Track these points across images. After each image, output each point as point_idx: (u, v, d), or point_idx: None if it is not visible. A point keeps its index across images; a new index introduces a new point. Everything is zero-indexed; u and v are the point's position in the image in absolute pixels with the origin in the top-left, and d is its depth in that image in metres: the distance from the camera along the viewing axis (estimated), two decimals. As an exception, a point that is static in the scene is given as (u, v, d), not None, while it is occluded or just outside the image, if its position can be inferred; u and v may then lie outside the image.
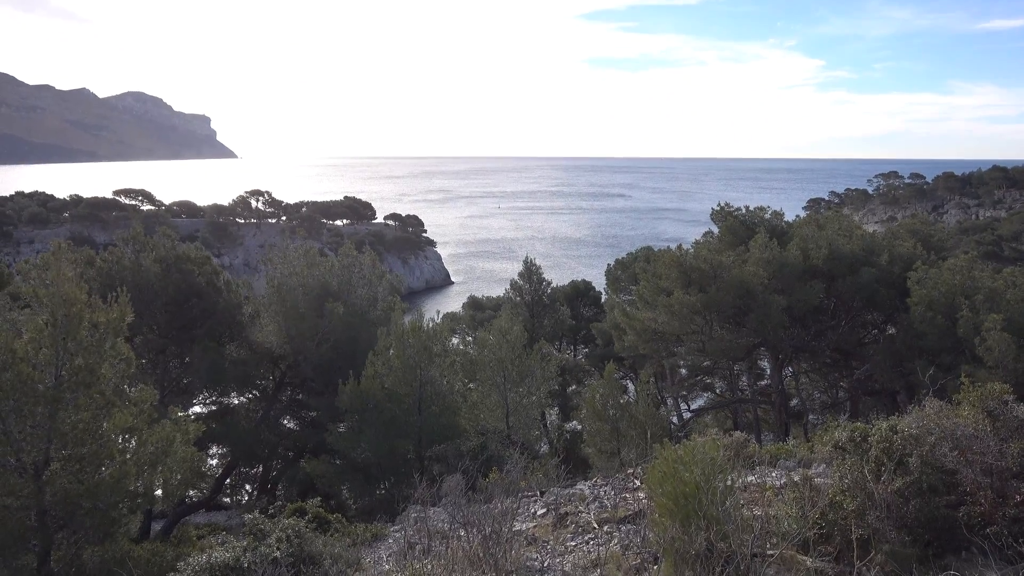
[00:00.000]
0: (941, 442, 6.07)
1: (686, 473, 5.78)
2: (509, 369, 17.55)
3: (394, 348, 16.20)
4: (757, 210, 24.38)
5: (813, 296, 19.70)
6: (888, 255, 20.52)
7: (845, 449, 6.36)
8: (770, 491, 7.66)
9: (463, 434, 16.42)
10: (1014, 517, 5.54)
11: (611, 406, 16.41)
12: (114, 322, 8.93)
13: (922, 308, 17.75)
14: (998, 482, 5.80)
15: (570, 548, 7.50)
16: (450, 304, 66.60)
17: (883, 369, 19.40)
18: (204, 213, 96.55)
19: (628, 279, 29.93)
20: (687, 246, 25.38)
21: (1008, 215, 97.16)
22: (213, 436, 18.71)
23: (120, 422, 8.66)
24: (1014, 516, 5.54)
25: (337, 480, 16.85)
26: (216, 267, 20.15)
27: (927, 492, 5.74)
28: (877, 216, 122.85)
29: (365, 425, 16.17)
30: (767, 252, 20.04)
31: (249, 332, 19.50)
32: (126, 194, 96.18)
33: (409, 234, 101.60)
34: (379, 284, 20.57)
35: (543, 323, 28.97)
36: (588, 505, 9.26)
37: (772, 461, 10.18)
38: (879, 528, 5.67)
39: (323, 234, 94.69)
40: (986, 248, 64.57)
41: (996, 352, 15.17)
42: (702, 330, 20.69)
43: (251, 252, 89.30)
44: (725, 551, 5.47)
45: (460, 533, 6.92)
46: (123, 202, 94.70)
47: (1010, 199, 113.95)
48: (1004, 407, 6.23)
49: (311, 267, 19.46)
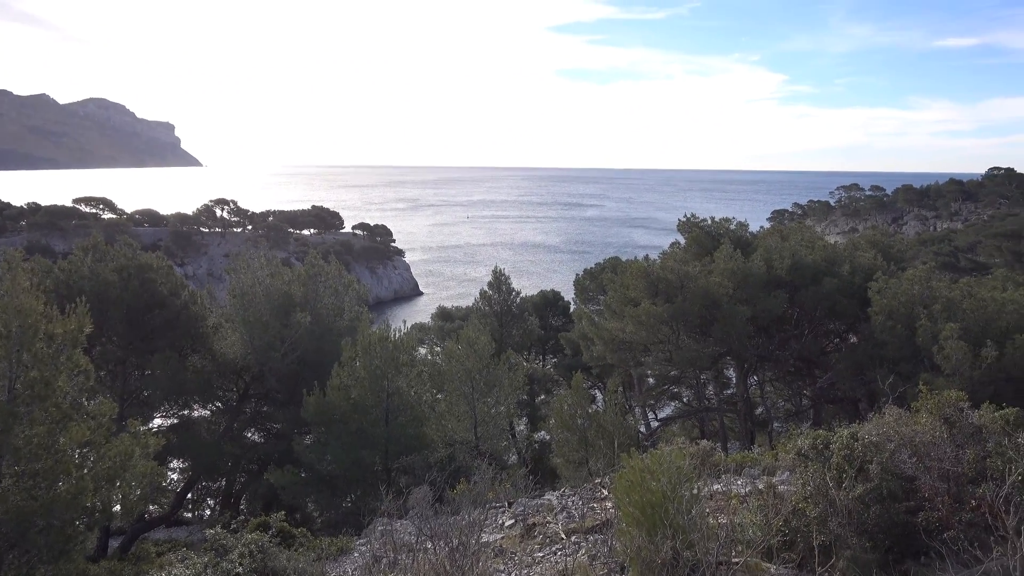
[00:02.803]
0: (900, 449, 6.20)
1: (653, 482, 5.81)
2: (477, 379, 17.48)
3: (361, 358, 16.05)
4: (723, 221, 24.70)
5: (777, 306, 20.01)
6: (849, 266, 20.93)
7: (808, 457, 6.45)
8: (735, 499, 7.73)
9: (431, 445, 16.30)
10: (970, 522, 5.67)
11: (579, 416, 16.42)
12: (71, 333, 8.71)
13: (882, 317, 18.12)
14: (955, 487, 5.93)
15: (538, 559, 7.48)
16: (419, 314, 66.25)
17: (845, 377, 19.74)
18: (167, 222, 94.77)
19: (596, 289, 30.08)
20: (654, 256, 25.61)
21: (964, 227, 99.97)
22: (174, 449, 18.32)
23: (77, 436, 8.43)
24: (970, 521, 5.67)
25: (302, 493, 16.60)
26: (178, 277, 19.79)
27: (887, 498, 5.85)
28: (839, 227, 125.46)
29: (331, 437, 15.97)
30: (732, 263, 20.31)
31: (212, 343, 19.16)
32: (86, 202, 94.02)
33: (377, 244, 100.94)
34: (345, 294, 20.39)
35: (512, 333, 28.94)
36: (556, 515, 9.25)
37: (737, 469, 10.28)
38: (841, 534, 5.76)
39: (290, 243, 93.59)
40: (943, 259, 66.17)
41: (953, 360, 15.53)
42: (669, 340, 20.86)
43: (216, 262, 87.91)
44: (691, 559, 5.50)
45: (427, 546, 6.86)
46: (83, 210, 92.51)
47: (966, 211, 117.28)
48: (960, 414, 6.38)
49: (275, 277, 19.22)
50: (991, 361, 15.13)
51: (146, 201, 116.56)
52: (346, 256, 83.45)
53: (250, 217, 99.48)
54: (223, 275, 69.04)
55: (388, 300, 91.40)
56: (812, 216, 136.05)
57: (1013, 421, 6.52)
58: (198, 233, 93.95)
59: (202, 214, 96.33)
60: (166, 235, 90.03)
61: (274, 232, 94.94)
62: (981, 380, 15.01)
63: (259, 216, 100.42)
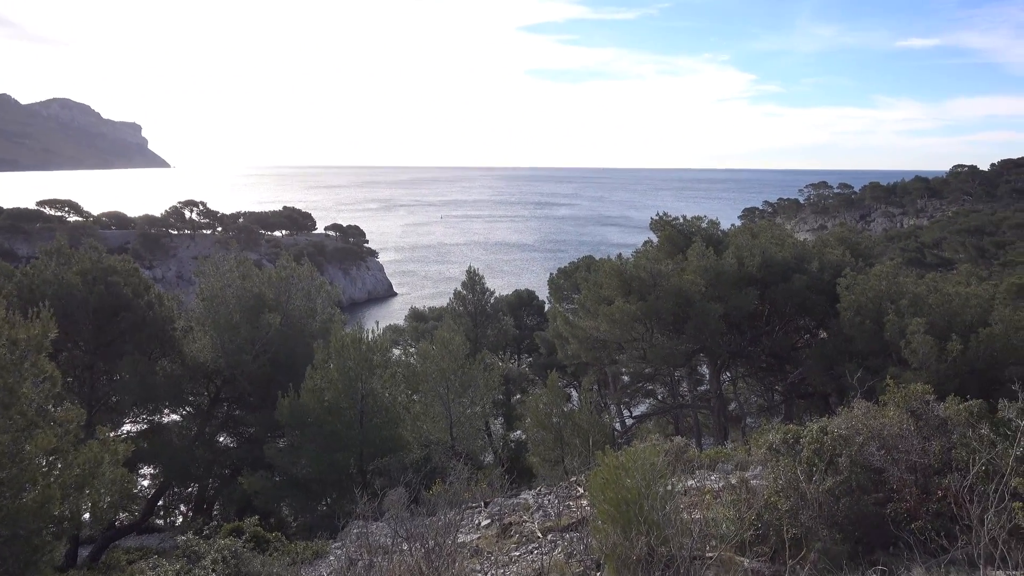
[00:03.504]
0: (869, 442, 6.30)
1: (627, 479, 5.84)
2: (452, 380, 17.45)
3: (334, 360, 15.93)
4: (694, 219, 24.92)
5: (748, 303, 20.24)
6: (818, 262, 21.24)
7: (779, 451, 6.54)
8: (709, 494, 7.81)
9: (406, 446, 16.24)
10: (937, 512, 5.78)
11: (554, 414, 16.47)
12: (35, 339, 8.51)
13: (851, 313, 18.41)
14: (922, 479, 6.05)
15: (514, 558, 7.48)
16: (393, 315, 65.91)
17: (815, 372, 20.03)
18: (135, 224, 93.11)
19: (570, 288, 30.18)
20: (628, 255, 25.76)
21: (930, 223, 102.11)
22: (144, 455, 18.03)
23: (43, 444, 8.24)
24: (937, 511, 5.78)
25: (276, 497, 16.44)
26: (146, 279, 19.46)
27: (856, 490, 5.94)
28: (808, 224, 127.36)
29: (305, 440, 15.83)
30: (704, 261, 20.51)
31: (182, 346, 18.88)
32: (51, 204, 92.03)
33: (350, 245, 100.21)
34: (318, 295, 20.21)
35: (486, 333, 28.93)
36: (532, 514, 9.27)
37: (711, 465, 10.38)
38: (812, 527, 5.84)
39: (261, 245, 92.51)
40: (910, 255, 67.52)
41: (920, 354, 15.84)
42: (643, 338, 21.00)
43: (185, 264, 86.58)
44: (665, 555, 5.54)
45: (403, 547, 6.83)
46: (47, 213, 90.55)
47: (931, 208, 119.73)
48: (926, 407, 6.50)
49: (246, 278, 18.99)
50: (956, 354, 15.46)
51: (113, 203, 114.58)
52: (319, 257, 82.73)
53: (220, 219, 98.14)
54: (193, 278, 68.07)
55: (362, 301, 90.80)
56: (782, 214, 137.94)
57: (977, 413, 6.67)
58: (167, 235, 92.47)
59: (170, 216, 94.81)
60: (134, 238, 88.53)
61: (244, 234, 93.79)
62: (947, 373, 15.32)
63: (229, 218, 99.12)
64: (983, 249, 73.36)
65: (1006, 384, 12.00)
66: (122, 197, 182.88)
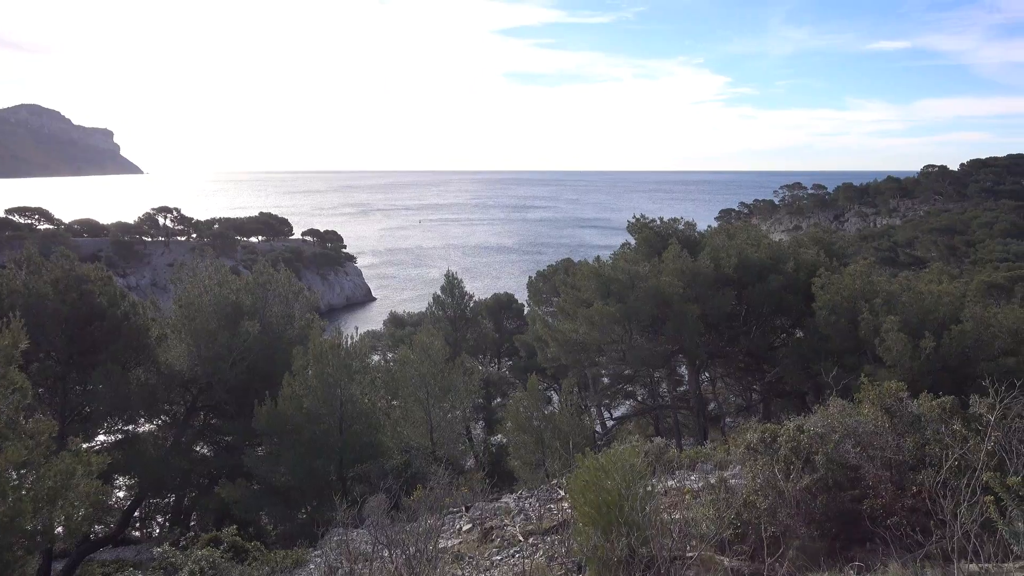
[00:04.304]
0: (844, 439, 6.38)
1: (607, 481, 5.86)
2: (432, 384, 17.40)
3: (313, 367, 15.80)
4: (671, 221, 25.11)
5: (725, 303, 20.42)
6: (794, 262, 21.49)
7: (757, 450, 6.59)
8: (689, 494, 7.85)
9: (387, 452, 16.14)
10: (912, 507, 5.87)
11: (535, 417, 16.49)
12: (5, 349, 8.36)
13: (826, 312, 18.65)
14: (897, 475, 6.14)
15: (495, 563, 7.47)
16: (372, 321, 65.59)
17: (792, 371, 20.25)
18: (108, 232, 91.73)
19: (549, 291, 30.24)
20: (606, 257, 25.88)
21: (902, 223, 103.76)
22: (119, 466, 17.72)
23: (13, 456, 8.07)
24: (912, 506, 5.87)
25: (255, 506, 16.25)
26: (119, 287, 19.16)
27: (833, 488, 6.01)
28: (783, 225, 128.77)
29: (284, 447, 15.67)
30: (681, 262, 20.66)
31: (157, 355, 18.61)
32: (20, 212, 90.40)
33: (328, 250, 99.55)
34: (296, 301, 20.04)
35: (466, 337, 28.89)
36: (514, 518, 9.25)
37: (691, 465, 10.44)
38: (790, 525, 5.90)
39: (237, 251, 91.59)
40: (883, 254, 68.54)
41: (894, 352, 16.08)
42: (622, 339, 21.10)
43: (159, 272, 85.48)
44: (646, 555, 5.56)
45: (384, 554, 6.79)
46: (17, 221, 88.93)
47: (904, 207, 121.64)
48: (900, 404, 6.60)
49: (222, 285, 18.78)
50: (930, 352, 15.71)
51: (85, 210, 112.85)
52: (296, 263, 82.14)
53: (195, 225, 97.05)
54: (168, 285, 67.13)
55: (340, 307, 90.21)
56: (757, 215, 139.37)
57: (949, 409, 6.78)
58: (140, 243, 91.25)
59: (144, 223, 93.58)
60: (107, 245, 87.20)
61: (220, 240, 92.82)
62: (921, 370, 15.56)
63: (204, 224, 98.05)
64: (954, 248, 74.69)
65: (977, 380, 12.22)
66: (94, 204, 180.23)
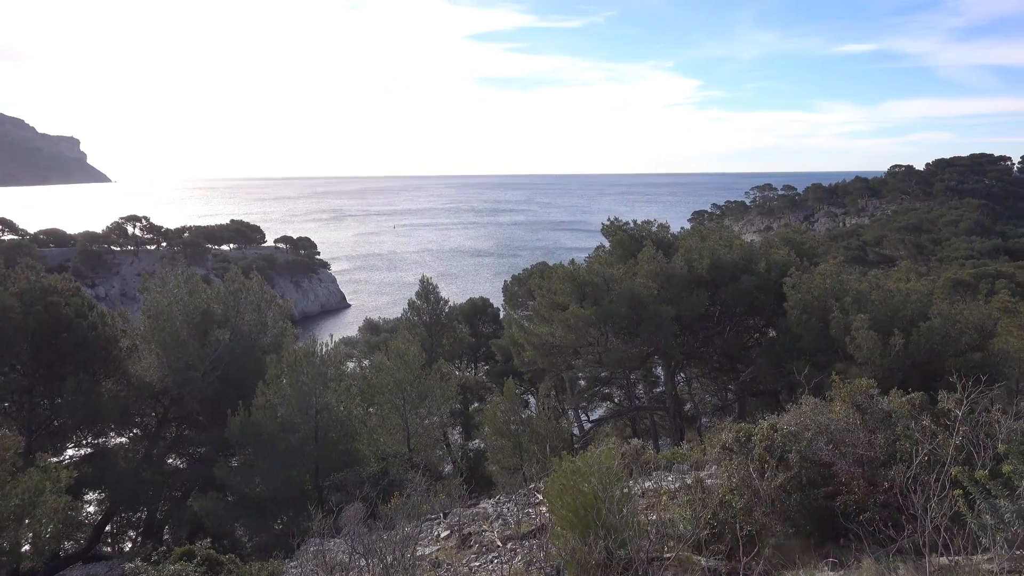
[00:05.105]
0: (817, 437, 6.45)
1: (584, 484, 5.86)
2: (408, 391, 17.30)
3: (287, 375, 15.62)
4: (645, 223, 25.27)
5: (699, 304, 20.59)
6: (765, 263, 21.74)
7: (732, 450, 6.64)
8: (666, 495, 7.88)
9: (363, 460, 16.00)
10: (884, 502, 5.95)
11: (512, 422, 16.47)
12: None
13: (797, 311, 18.88)
14: (869, 471, 6.22)
15: (474, 569, 7.43)
16: (347, 327, 65.07)
17: (765, 370, 20.47)
18: (75, 241, 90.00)
19: (525, 294, 30.24)
20: (581, 259, 25.98)
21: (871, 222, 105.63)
22: (89, 480, 17.37)
23: (-24, 474, 7.89)
24: (884, 502, 5.95)
25: (229, 517, 16.01)
26: (87, 298, 18.81)
27: (806, 485, 6.07)
28: (755, 226, 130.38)
29: (258, 457, 15.47)
30: (655, 264, 20.79)
31: (127, 366, 18.29)
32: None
33: (302, 257, 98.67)
34: (268, 309, 19.81)
35: (442, 342, 28.76)
36: (492, 523, 9.22)
37: (668, 466, 10.49)
38: (765, 523, 5.95)
39: (208, 260, 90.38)
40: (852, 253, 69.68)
41: (864, 349, 16.32)
42: (598, 342, 21.16)
43: (129, 282, 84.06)
44: (624, 557, 5.57)
45: (361, 563, 6.72)
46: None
47: (872, 207, 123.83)
48: (870, 401, 6.69)
49: (193, 294, 18.51)
50: (899, 349, 15.97)
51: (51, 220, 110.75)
52: (269, 271, 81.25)
53: (164, 234, 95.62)
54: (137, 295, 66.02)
55: (315, 314, 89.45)
56: (730, 216, 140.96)
57: (919, 405, 6.89)
58: (109, 252, 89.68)
59: (112, 232, 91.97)
60: (74, 255, 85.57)
61: (191, 248, 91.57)
62: (891, 367, 15.82)
63: (174, 232, 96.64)
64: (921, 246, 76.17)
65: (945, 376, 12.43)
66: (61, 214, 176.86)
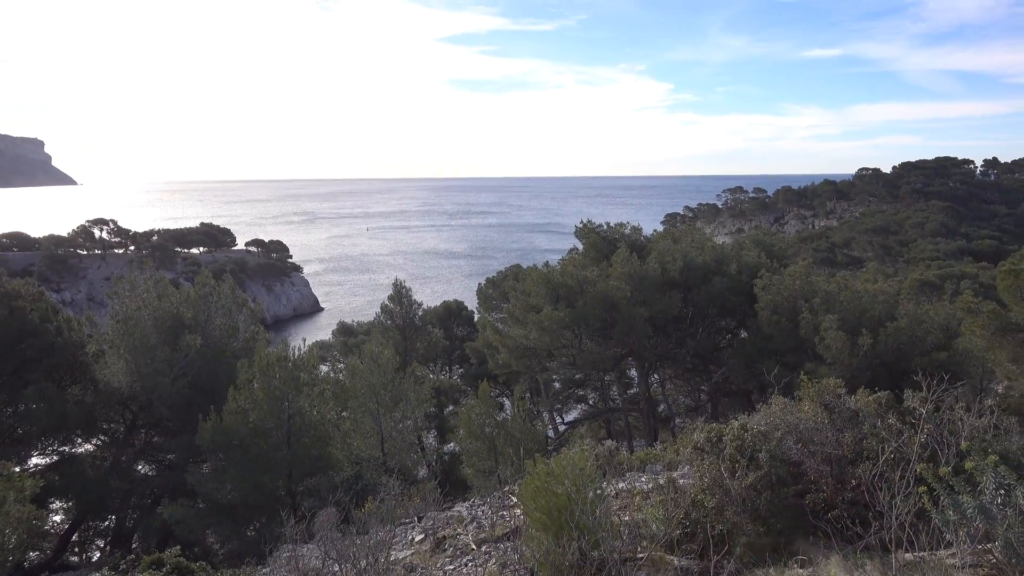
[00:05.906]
0: (786, 436, 6.54)
1: (557, 486, 5.88)
2: (382, 394, 17.20)
3: (258, 380, 15.44)
4: (618, 226, 25.45)
5: (672, 306, 20.77)
6: (737, 265, 22.01)
7: (703, 450, 6.71)
8: (639, 496, 7.94)
9: (336, 465, 15.88)
10: (851, 500, 6.05)
11: (487, 424, 16.43)
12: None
13: (768, 312, 19.13)
14: (837, 469, 6.32)
15: (448, 572, 7.41)
16: (320, 331, 64.54)
17: (737, 371, 20.71)
18: (39, 245, 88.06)
19: (499, 297, 30.27)
20: (555, 261, 26.06)
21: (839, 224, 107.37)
22: (55, 489, 17.02)
23: (-63, 483, 7.69)
24: (851, 499, 6.05)
25: (200, 525, 15.77)
26: (52, 303, 18.44)
27: (776, 484, 6.16)
28: (727, 228, 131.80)
29: (230, 463, 15.26)
30: (628, 266, 20.94)
31: (94, 372, 17.96)
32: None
33: (273, 260, 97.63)
34: (240, 313, 19.58)
35: (416, 345, 28.65)
36: (466, 526, 9.21)
37: (641, 466, 10.57)
38: (737, 522, 6.02)
39: (177, 263, 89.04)
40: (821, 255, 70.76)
41: (833, 349, 16.59)
42: (572, 344, 21.25)
43: (95, 286, 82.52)
44: (597, 558, 5.60)
45: (334, 569, 6.68)
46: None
47: (840, 209, 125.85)
48: (838, 400, 6.81)
49: (162, 298, 18.23)
50: (867, 348, 16.26)
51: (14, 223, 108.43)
52: (240, 274, 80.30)
53: (133, 237, 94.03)
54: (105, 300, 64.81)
55: (287, 318, 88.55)
56: (701, 218, 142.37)
57: (885, 403, 7.02)
58: (75, 256, 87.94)
59: (79, 235, 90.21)
60: (38, 260, 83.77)
61: (160, 252, 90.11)
62: (859, 366, 16.10)
63: (143, 236, 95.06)
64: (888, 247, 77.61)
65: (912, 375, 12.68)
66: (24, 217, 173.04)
